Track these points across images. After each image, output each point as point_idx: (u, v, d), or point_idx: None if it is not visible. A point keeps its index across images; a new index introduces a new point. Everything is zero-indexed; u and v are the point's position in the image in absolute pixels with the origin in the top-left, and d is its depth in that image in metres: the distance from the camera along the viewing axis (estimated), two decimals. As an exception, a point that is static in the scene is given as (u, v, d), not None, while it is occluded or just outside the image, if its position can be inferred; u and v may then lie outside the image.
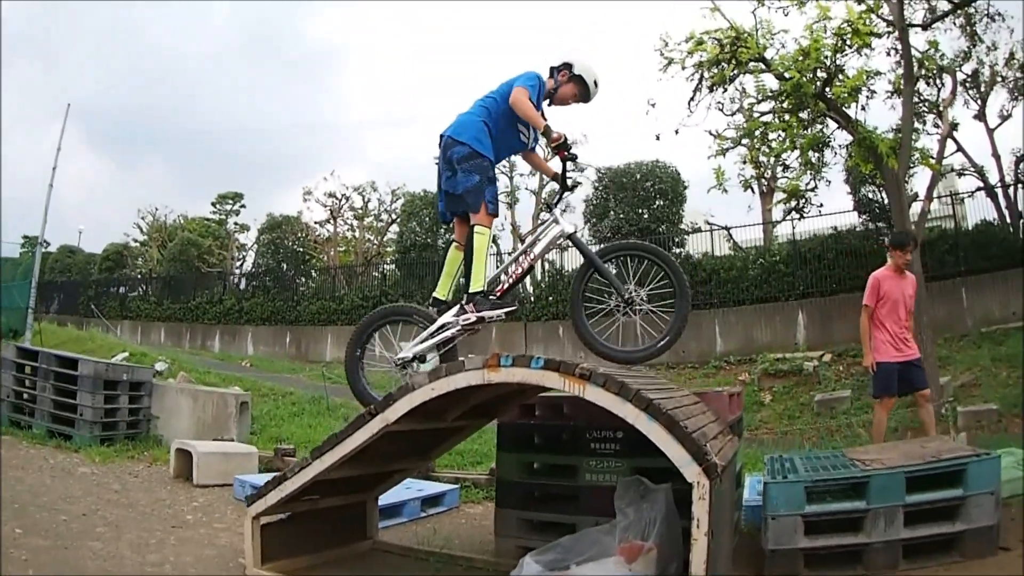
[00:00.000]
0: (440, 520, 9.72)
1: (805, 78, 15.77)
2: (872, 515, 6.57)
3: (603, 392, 5.14)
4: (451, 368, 5.75)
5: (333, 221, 42.20)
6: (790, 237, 27.78)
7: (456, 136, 7.19)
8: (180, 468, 11.08)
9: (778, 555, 6.66)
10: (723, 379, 21.95)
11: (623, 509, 6.01)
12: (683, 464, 4.82)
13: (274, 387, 21.85)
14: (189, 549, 7.39)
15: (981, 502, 6.55)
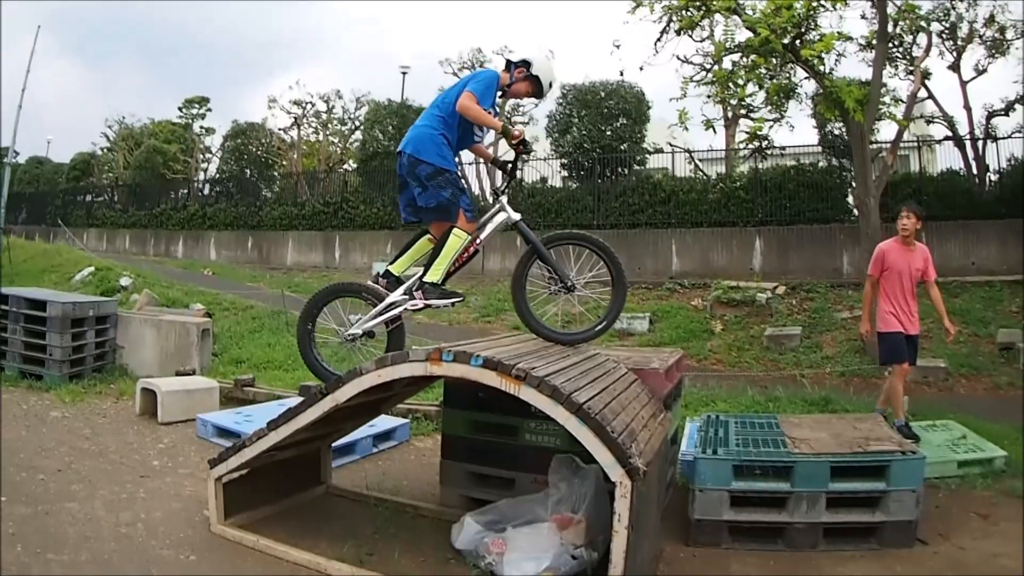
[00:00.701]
0: (391, 456, 10.18)
1: (775, 33, 15.52)
2: (795, 497, 6.95)
3: (537, 393, 5.46)
4: (397, 358, 6.08)
5: (297, 128, 42.04)
6: (752, 165, 27.79)
7: (419, 155, 7.38)
8: (145, 406, 11.43)
9: (704, 525, 7.06)
10: (676, 303, 22.09)
11: (557, 483, 6.50)
12: (609, 466, 5.21)
13: (235, 300, 22.36)
14: (158, 503, 7.74)
15: (902, 498, 6.91)
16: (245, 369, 14.83)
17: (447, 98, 7.68)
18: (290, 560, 6.45)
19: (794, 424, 8.55)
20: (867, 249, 16.00)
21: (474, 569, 6.26)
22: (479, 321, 21.43)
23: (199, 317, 16.08)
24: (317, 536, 6.98)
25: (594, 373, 6.44)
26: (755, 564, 6.77)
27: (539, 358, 6.34)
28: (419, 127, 7.66)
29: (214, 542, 6.85)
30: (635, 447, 5.39)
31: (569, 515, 6.34)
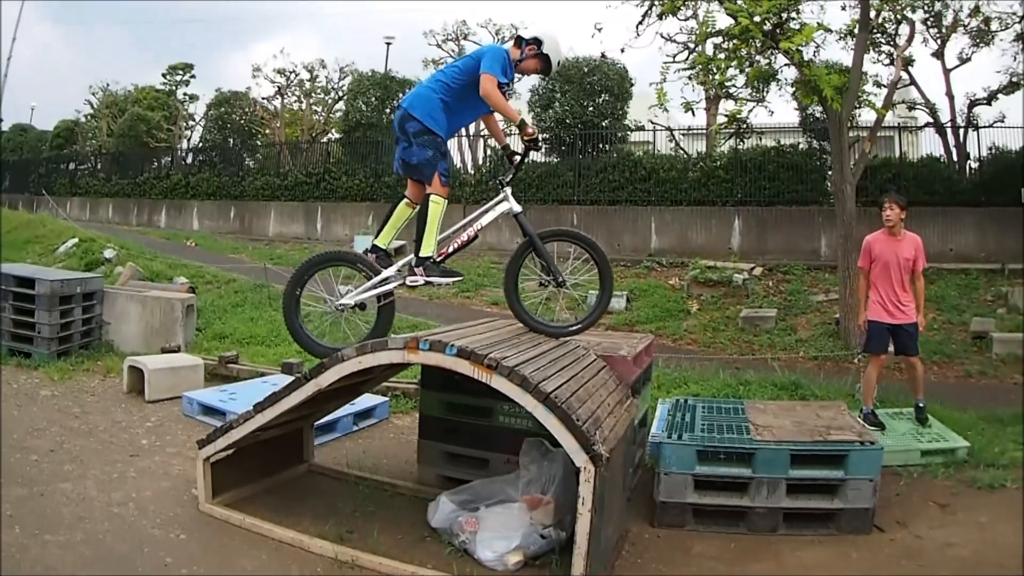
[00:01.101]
0: (371, 434, 10.49)
1: (755, 21, 15.54)
2: (756, 482, 7.21)
3: (507, 382, 5.75)
4: (377, 345, 6.36)
5: (280, 97, 42.04)
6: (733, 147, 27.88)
7: (411, 111, 7.52)
8: (132, 383, 11.66)
9: (668, 507, 7.34)
10: (653, 281, 22.18)
11: (527, 465, 6.82)
12: (573, 452, 5.51)
13: (217, 273, 22.54)
14: (148, 482, 8.02)
15: (859, 486, 7.16)
16: (228, 345, 15.03)
17: (457, 66, 7.85)
18: (275, 538, 6.73)
19: (759, 410, 8.75)
20: (843, 234, 16.32)
21: (448, 547, 6.54)
22: (459, 296, 21.50)
23: (183, 293, 16.24)
24: (300, 514, 7.23)
25: (563, 361, 6.70)
26: (716, 546, 7.00)
27: (511, 347, 6.59)
28: (422, 86, 7.90)
29: (202, 521, 7.12)
30: (599, 434, 5.66)
31: (539, 496, 6.64)
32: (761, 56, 17.90)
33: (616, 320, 18.91)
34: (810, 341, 17.10)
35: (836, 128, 16.91)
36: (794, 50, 15.27)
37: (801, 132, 27.59)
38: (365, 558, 6.27)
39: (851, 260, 16.09)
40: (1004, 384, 13.82)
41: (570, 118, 28.80)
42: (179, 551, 6.45)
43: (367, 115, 34.09)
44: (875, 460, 7.30)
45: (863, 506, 7.18)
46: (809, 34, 15.37)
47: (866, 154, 18.07)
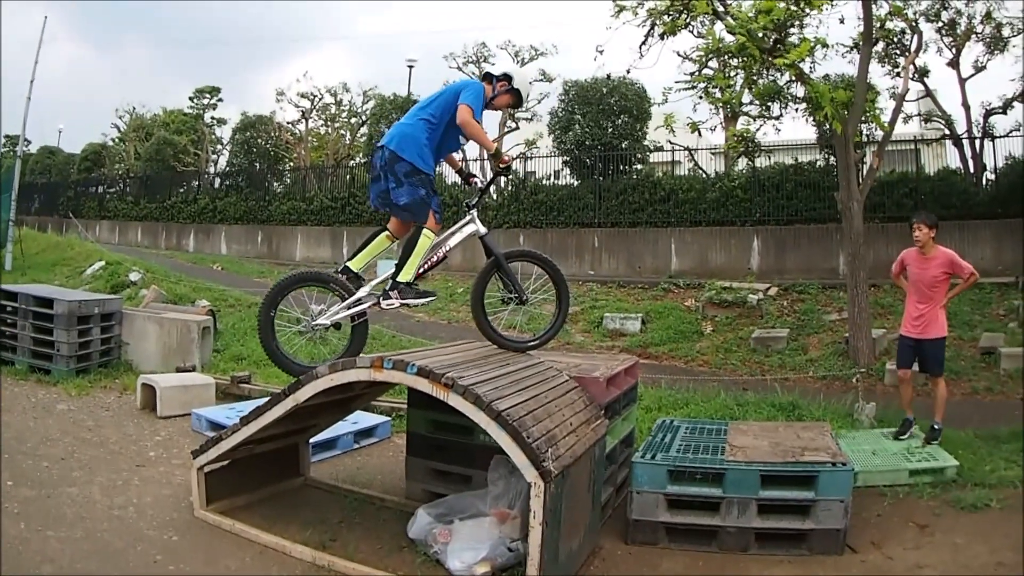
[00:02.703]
0: (371, 452, 10.77)
1: (752, 38, 15.43)
2: (727, 502, 7.34)
3: (462, 400, 6.03)
4: (347, 364, 6.68)
5: (305, 122, 42.25)
6: (750, 164, 27.90)
7: (399, 153, 7.65)
8: (146, 400, 12.06)
9: (641, 525, 7.52)
10: (670, 303, 22.23)
11: (495, 481, 7.08)
12: (524, 467, 5.77)
13: (240, 296, 22.72)
14: (150, 489, 8.45)
15: (830, 507, 7.21)
16: (246, 366, 15.25)
17: (436, 102, 8.00)
18: (259, 542, 7.11)
19: (741, 431, 8.91)
20: (851, 252, 16.36)
21: (422, 556, 6.85)
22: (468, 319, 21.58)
23: (200, 315, 16.49)
24: (288, 522, 7.59)
25: (527, 382, 6.93)
26: (685, 564, 7.14)
27: (475, 366, 6.85)
28: (405, 125, 7.95)
29: (195, 525, 7.53)
30: (552, 452, 5.88)
31: (506, 510, 6.91)
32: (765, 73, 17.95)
33: (630, 343, 19.10)
34: (820, 360, 17.08)
35: (842, 144, 16.84)
36: (790, 65, 15.29)
37: (818, 149, 27.58)
38: (340, 563, 6.59)
39: (859, 278, 16.37)
40: (1010, 400, 13.68)
41: (589, 140, 28.82)
42: (169, 550, 6.88)
43: (391, 139, 33.99)
44: (845, 481, 7.36)
45: (834, 527, 7.23)
46: (804, 50, 15.34)
47: (874, 170, 17.90)
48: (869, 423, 11.65)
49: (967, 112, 27.04)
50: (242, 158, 41.13)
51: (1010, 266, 20.90)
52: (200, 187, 42.44)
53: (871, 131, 23.97)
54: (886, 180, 24.17)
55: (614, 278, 25.42)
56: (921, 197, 23.57)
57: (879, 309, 19.41)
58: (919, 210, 11.33)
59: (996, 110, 26.48)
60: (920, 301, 10.58)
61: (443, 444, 8.38)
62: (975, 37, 25.92)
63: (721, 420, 10.54)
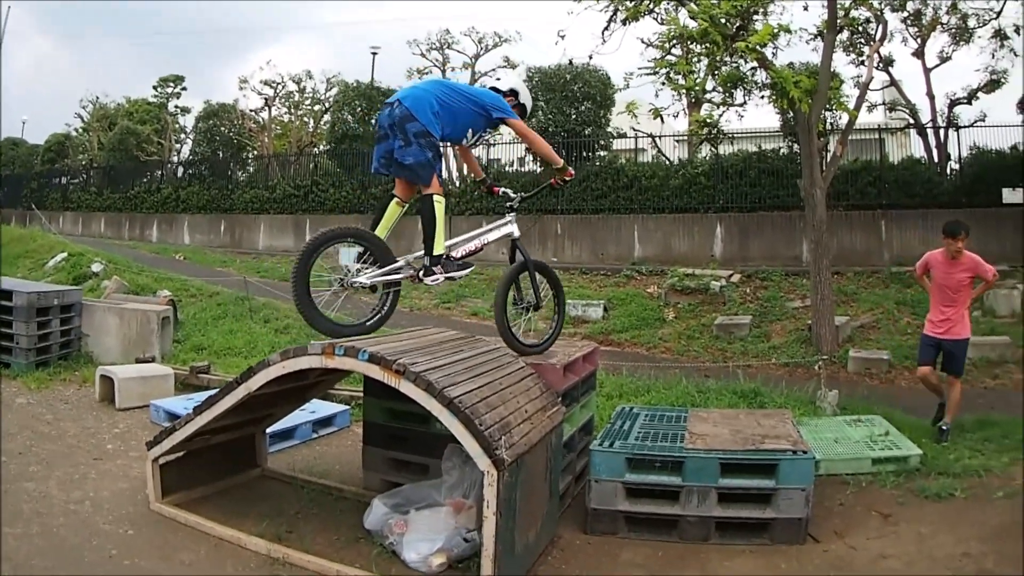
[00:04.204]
0: (329, 442, 10.70)
1: (716, 23, 15.39)
2: (687, 491, 7.27)
3: (414, 387, 5.97)
4: (297, 351, 6.62)
5: (268, 109, 42.18)
6: (714, 152, 27.96)
7: (414, 112, 7.37)
8: (105, 392, 11.95)
9: (600, 514, 7.46)
10: (632, 289, 22.32)
11: (449, 471, 7.04)
12: (476, 456, 5.70)
13: (202, 286, 22.62)
14: (107, 483, 8.38)
15: (791, 496, 7.15)
16: (206, 356, 15.18)
17: (455, 91, 7.95)
18: (215, 535, 7.04)
19: (701, 419, 8.85)
20: (813, 240, 16.39)
21: (378, 548, 6.79)
22: (439, 307, 21.68)
23: (160, 305, 16.40)
24: (245, 514, 7.51)
25: (480, 368, 6.85)
26: (645, 553, 7.06)
27: (428, 353, 6.76)
28: (421, 90, 7.78)
29: (151, 518, 7.44)
30: (505, 440, 5.81)
31: (462, 500, 6.87)
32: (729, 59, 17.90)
33: (592, 329, 19.09)
34: (782, 348, 17.17)
35: (805, 132, 16.88)
36: (750, 49, 15.26)
37: (782, 136, 27.72)
38: (296, 556, 6.53)
39: (822, 266, 16.41)
40: (974, 389, 13.61)
41: (553, 126, 28.78)
42: (125, 544, 6.81)
43: (353, 127, 34.31)
44: (806, 469, 7.29)
45: (795, 516, 7.17)
46: (766, 34, 15.30)
47: (837, 158, 17.87)
48: (832, 410, 11.63)
49: (932, 102, 27.46)
50: (205, 147, 40.98)
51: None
52: (163, 177, 42.20)
53: (835, 119, 24.17)
54: (850, 168, 24.32)
55: (577, 265, 25.45)
56: (885, 185, 23.86)
57: (842, 297, 19.55)
58: (952, 221, 11.37)
59: (961, 100, 27.00)
60: (945, 304, 10.61)
61: (400, 433, 8.32)
62: (941, 28, 26.23)
63: (682, 407, 10.48)
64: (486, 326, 17.26)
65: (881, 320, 18.17)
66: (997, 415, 11.15)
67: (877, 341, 16.94)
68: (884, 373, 15.05)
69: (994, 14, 25.01)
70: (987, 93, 26.62)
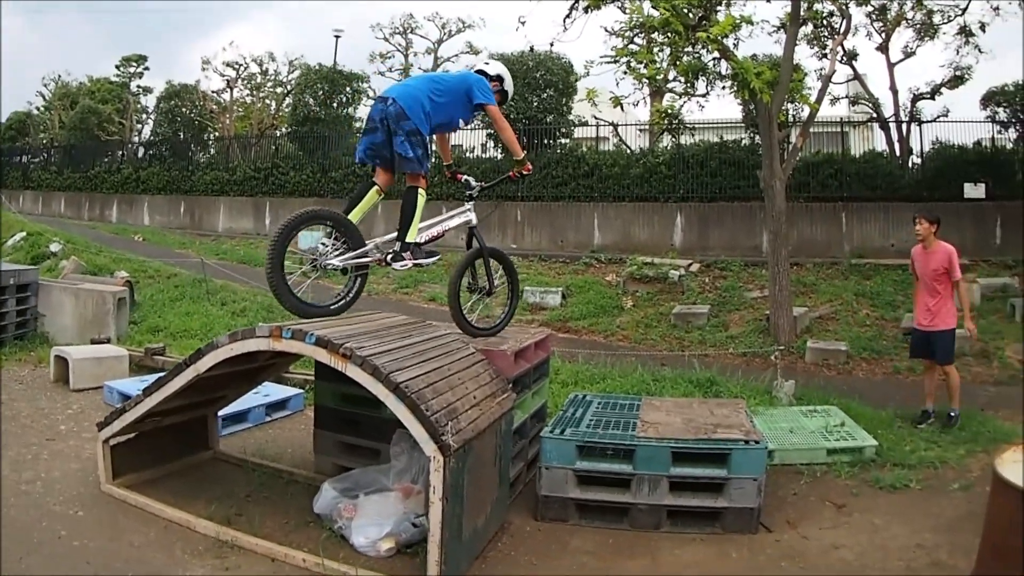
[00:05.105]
0: (283, 425, 10.71)
1: (679, 14, 15.28)
2: (638, 479, 7.31)
3: (360, 371, 5.97)
4: (246, 333, 6.59)
5: (230, 91, 42.00)
6: (675, 141, 27.97)
7: (407, 111, 7.67)
8: (59, 373, 11.94)
9: (550, 501, 7.48)
10: (591, 277, 22.31)
11: (398, 456, 7.10)
12: (423, 441, 5.69)
13: (160, 268, 22.60)
14: (58, 464, 8.39)
15: (743, 485, 7.21)
16: (162, 338, 15.13)
17: (443, 84, 8.21)
18: (164, 517, 7.04)
19: (654, 407, 8.87)
20: (772, 231, 16.43)
21: (327, 532, 6.81)
22: (397, 292, 21.69)
23: (117, 286, 16.35)
24: (195, 497, 7.51)
25: (430, 353, 6.85)
26: (594, 541, 7.08)
27: (377, 338, 6.75)
28: (414, 88, 8.04)
29: (102, 500, 7.45)
30: (452, 425, 5.81)
31: (410, 485, 6.91)
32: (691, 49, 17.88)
33: (550, 316, 19.06)
34: (740, 337, 17.16)
35: (766, 123, 16.87)
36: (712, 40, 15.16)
37: (744, 128, 27.72)
38: (244, 539, 6.54)
39: (780, 256, 16.44)
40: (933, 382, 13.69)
41: (514, 113, 28.48)
42: (74, 526, 6.81)
43: (314, 110, 34.09)
44: (759, 459, 7.32)
45: (747, 505, 7.22)
46: (727, 25, 15.18)
47: (797, 149, 17.90)
48: (788, 400, 11.69)
49: (895, 96, 27.69)
50: (166, 128, 40.39)
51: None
52: (124, 157, 41.70)
53: (797, 111, 24.41)
54: (812, 160, 24.51)
55: (536, 252, 25.42)
56: (846, 178, 24.01)
57: (800, 287, 19.62)
58: (921, 208, 11.58)
59: (924, 95, 27.13)
60: (929, 295, 10.93)
61: (352, 417, 8.33)
62: (906, 23, 26.36)
63: (635, 395, 10.46)
64: (443, 312, 17.20)
65: (840, 311, 18.21)
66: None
67: (835, 332, 17.00)
68: (842, 364, 15.09)
69: (960, 10, 25.13)
70: (951, 89, 26.79)
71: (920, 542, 6.98)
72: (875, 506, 7.94)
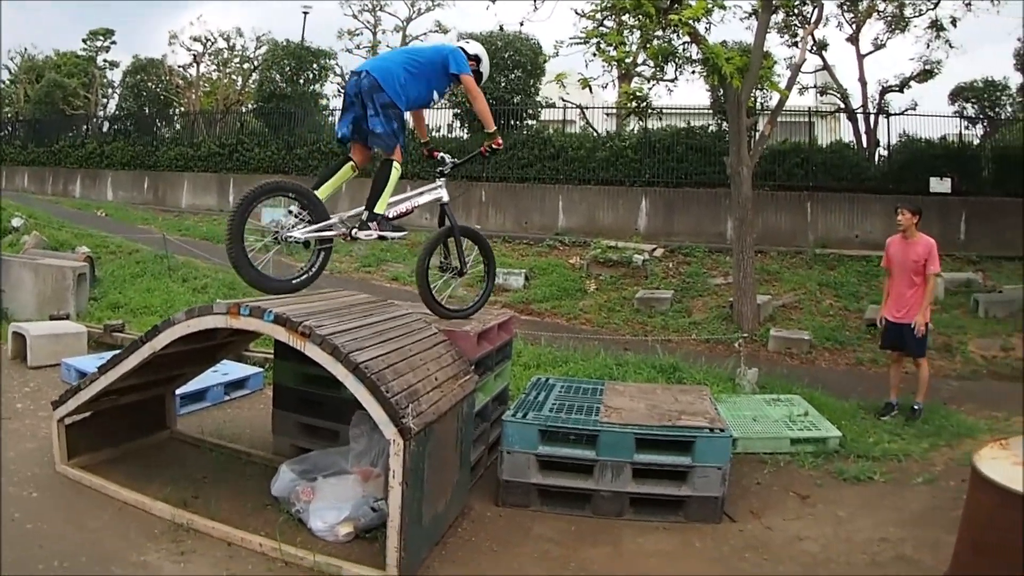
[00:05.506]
0: (241, 405, 10.62)
1: None
2: (601, 465, 7.24)
3: (319, 351, 5.84)
4: (203, 309, 6.44)
5: (196, 66, 41.50)
6: (642, 126, 27.77)
7: (382, 84, 7.62)
8: (17, 350, 11.80)
9: (512, 486, 7.41)
10: (555, 259, 22.28)
11: (357, 438, 6.99)
12: (382, 424, 5.59)
13: (122, 243, 22.40)
14: (13, 443, 8.22)
15: (707, 473, 7.16)
16: (123, 314, 14.98)
17: (420, 56, 8.17)
18: (120, 499, 6.91)
19: (618, 392, 8.81)
20: (738, 217, 16.40)
21: (285, 515, 6.71)
22: (360, 271, 21.64)
23: (77, 261, 16.18)
24: (151, 478, 7.38)
25: (390, 333, 6.72)
26: (557, 527, 7.02)
27: (337, 316, 6.61)
28: (388, 61, 8.04)
29: (56, 480, 7.31)
30: (413, 407, 5.71)
31: (370, 468, 6.82)
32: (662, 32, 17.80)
33: (513, 298, 18.99)
34: (703, 324, 17.17)
35: (735, 109, 16.81)
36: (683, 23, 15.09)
37: (712, 114, 27.74)
38: (200, 522, 6.43)
39: (745, 243, 16.47)
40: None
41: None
42: (28, 508, 6.67)
43: (280, 86, 33.83)
44: (724, 447, 7.28)
45: (712, 494, 7.18)
46: (700, 9, 15.05)
47: (765, 137, 17.91)
48: (751, 388, 11.71)
49: (863, 88, 27.83)
50: (132, 102, 39.86)
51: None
52: (88, 132, 41.20)
53: (766, 99, 24.50)
54: (779, 149, 24.59)
55: (500, 233, 25.25)
56: (813, 168, 24.11)
57: (764, 275, 19.69)
58: (903, 198, 11.68)
59: (893, 88, 27.34)
60: (906, 286, 10.87)
61: (311, 397, 8.22)
62: (877, 15, 26.45)
63: (599, 380, 10.41)
64: (406, 291, 17.41)
65: (803, 300, 18.26)
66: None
67: (799, 321, 17.06)
68: (805, 353, 15.13)
69: (932, 4, 25.29)
70: (920, 82, 27.00)
71: (885, 535, 6.97)
72: (839, 498, 7.94)
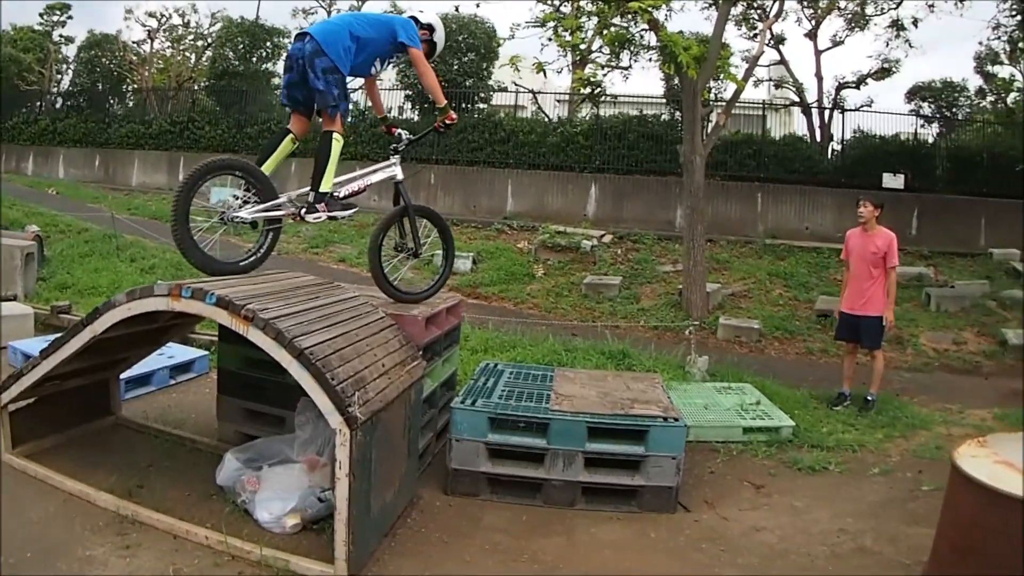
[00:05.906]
0: (187, 389, 10.47)
1: None
2: (552, 454, 7.18)
3: (262, 335, 5.67)
4: (143, 292, 6.26)
5: (150, 42, 40.93)
6: (594, 112, 28.05)
7: (324, 47, 7.35)
8: (-39, 333, 11.47)
9: (461, 475, 7.33)
10: (502, 243, 22.32)
11: (302, 425, 6.88)
12: (328, 413, 5.48)
13: (72, 222, 22.09)
14: (-44, 431, 8.05)
15: (661, 463, 7.12)
16: (70, 295, 14.83)
17: (368, 23, 7.88)
18: (64, 489, 6.78)
19: (568, 379, 8.77)
20: (690, 205, 16.49)
21: (231, 505, 6.60)
22: (307, 252, 21.57)
23: (26, 240, 15.96)
24: (96, 466, 7.24)
25: (337, 317, 6.58)
26: (508, 517, 6.98)
27: (282, 299, 6.44)
28: (333, 24, 7.80)
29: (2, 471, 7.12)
30: (360, 395, 5.61)
31: (316, 457, 6.74)
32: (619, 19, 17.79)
33: (460, 282, 18.95)
34: (652, 311, 17.25)
35: (691, 97, 16.84)
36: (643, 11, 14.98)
37: (665, 103, 27.97)
38: (145, 514, 6.33)
39: (696, 232, 16.57)
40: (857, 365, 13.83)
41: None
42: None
43: (234, 64, 33.70)
44: (678, 437, 7.23)
45: (666, 484, 7.16)
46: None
47: (719, 127, 17.95)
48: (701, 376, 11.78)
49: (820, 83, 28.48)
50: (85, 78, 39.37)
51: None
52: (42, 108, 40.76)
53: (721, 91, 24.74)
54: (731, 140, 24.80)
55: (449, 216, 24.54)
56: (765, 159, 24.41)
57: (714, 264, 19.77)
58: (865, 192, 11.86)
59: (849, 84, 28.04)
60: (864, 278, 10.99)
61: (256, 382, 8.08)
62: (837, 12, 26.73)
63: (548, 366, 10.43)
64: (353, 273, 17.66)
65: (753, 289, 18.40)
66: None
67: (748, 310, 17.19)
68: (754, 342, 15.29)
69: (894, 4, 25.65)
70: (877, 80, 27.68)
71: (843, 527, 7.00)
72: (794, 488, 7.99)
